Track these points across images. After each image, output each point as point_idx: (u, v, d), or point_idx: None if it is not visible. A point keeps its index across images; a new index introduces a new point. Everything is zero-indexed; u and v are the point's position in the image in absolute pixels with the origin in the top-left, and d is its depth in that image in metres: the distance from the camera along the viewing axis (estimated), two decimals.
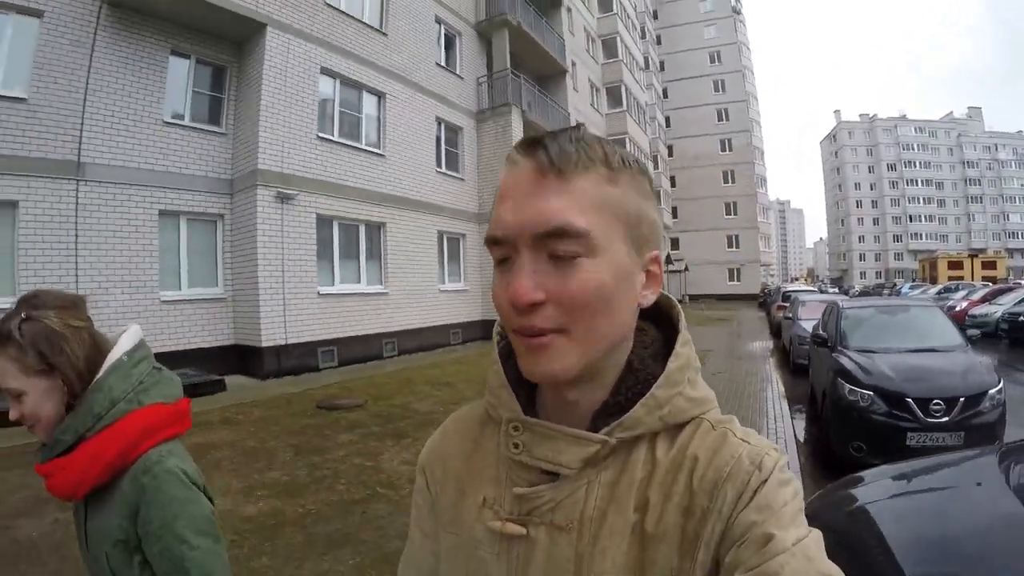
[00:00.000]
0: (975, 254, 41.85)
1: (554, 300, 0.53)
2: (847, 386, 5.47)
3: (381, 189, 12.85)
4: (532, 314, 0.54)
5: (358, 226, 12.32)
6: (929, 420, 4.94)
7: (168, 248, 10.10)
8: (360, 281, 12.36)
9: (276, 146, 10.58)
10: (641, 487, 0.58)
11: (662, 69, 48.02)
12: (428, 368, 11.27)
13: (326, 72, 11.81)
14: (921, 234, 78.25)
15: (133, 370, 1.14)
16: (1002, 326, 15.01)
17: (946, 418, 4.93)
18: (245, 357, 10.49)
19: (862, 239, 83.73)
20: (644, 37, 40.10)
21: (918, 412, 4.98)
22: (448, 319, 14.93)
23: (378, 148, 13.07)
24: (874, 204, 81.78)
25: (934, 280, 35.50)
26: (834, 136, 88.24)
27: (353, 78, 12.42)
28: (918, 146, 79.51)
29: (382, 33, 13.29)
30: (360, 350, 11.82)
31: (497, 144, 16.15)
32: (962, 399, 4.99)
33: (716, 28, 48.66)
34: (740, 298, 40.73)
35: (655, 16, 48.06)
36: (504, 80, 16.61)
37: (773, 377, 9.95)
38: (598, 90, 28.28)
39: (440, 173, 15.17)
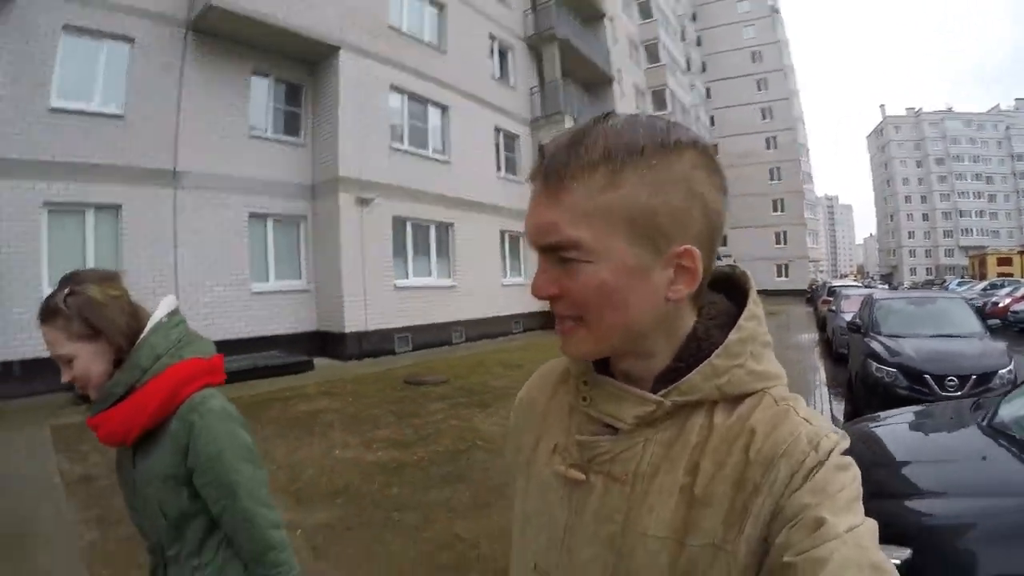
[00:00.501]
0: None
1: (565, 295, 0.59)
2: (874, 364, 6.25)
3: (448, 193, 13.94)
4: (555, 304, 0.61)
5: (429, 226, 13.48)
6: (944, 394, 5.56)
7: (257, 246, 11.37)
8: (431, 275, 13.50)
9: (354, 155, 11.74)
10: (695, 451, 0.59)
11: (704, 70, 47.81)
12: (496, 353, 12.17)
13: (394, 88, 12.97)
14: (971, 230, 75.65)
15: (173, 330, 1.26)
16: None
17: (959, 392, 5.56)
18: (327, 341, 11.67)
19: (911, 235, 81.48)
20: (684, 39, 40.17)
21: (935, 387, 5.68)
22: (510, 310, 15.96)
23: (444, 156, 14.20)
24: (923, 199, 79.49)
25: (983, 276, 34.57)
26: (880, 131, 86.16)
27: (418, 93, 13.56)
28: (966, 140, 76.86)
29: (441, 51, 14.37)
30: (431, 337, 12.93)
31: None
32: (974, 376, 5.68)
33: (755, 28, 48.22)
34: (788, 294, 40.28)
35: (694, 18, 47.83)
36: (555, 90, 17.56)
37: (817, 364, 10.59)
38: (643, 94, 28.82)
39: (500, 178, 16.28)
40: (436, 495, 4.29)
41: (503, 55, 17.30)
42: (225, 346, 7.59)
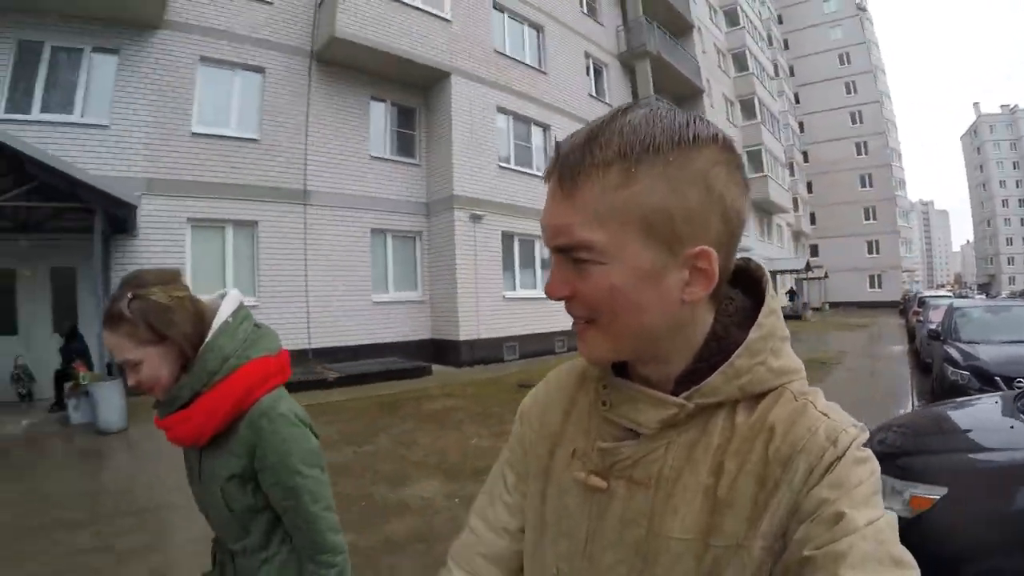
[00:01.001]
0: None
1: (578, 297, 0.59)
2: (950, 368, 6.47)
3: None
4: (568, 305, 0.60)
5: (534, 241, 14.09)
6: None
7: (378, 259, 12.37)
8: (536, 287, 14.02)
9: (467, 175, 12.57)
10: (718, 453, 0.59)
11: (791, 74, 46.39)
12: None
13: (501, 110, 13.77)
14: None
15: (239, 329, 1.23)
16: None
17: None
18: (440, 349, 12.51)
19: (1010, 241, 75.54)
20: (771, 44, 39.25)
21: (1004, 388, 5.69)
22: None
23: None
24: (1020, 203, 73.42)
25: None
26: (975, 131, 79.77)
27: (522, 113, 14.31)
28: None
29: (542, 72, 15.07)
30: (537, 345, 13.52)
31: None
32: None
33: (842, 29, 46.31)
34: (881, 305, 38.72)
35: (780, 20, 46.52)
36: None
37: (905, 374, 10.51)
38: (732, 103, 28.68)
39: None
40: None
41: (598, 73, 17.81)
42: (347, 351, 9.86)
